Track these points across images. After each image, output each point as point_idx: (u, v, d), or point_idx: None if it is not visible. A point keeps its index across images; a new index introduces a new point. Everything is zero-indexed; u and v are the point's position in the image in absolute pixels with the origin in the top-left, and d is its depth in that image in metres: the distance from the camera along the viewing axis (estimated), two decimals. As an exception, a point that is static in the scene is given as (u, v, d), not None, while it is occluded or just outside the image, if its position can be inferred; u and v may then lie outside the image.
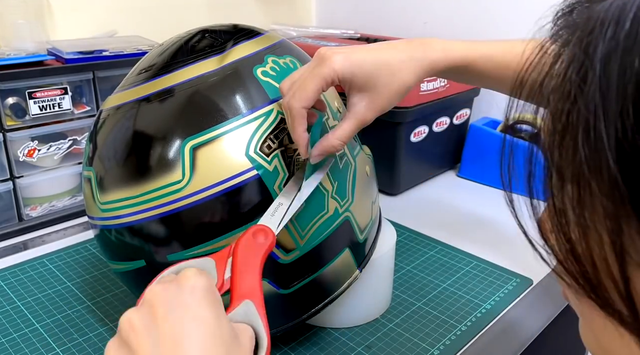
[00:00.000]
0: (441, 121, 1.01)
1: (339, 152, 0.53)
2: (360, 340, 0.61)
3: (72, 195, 0.90)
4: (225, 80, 0.51)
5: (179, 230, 0.50)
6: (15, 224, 0.84)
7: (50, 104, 0.82)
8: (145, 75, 0.54)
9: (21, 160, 0.82)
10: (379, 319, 0.65)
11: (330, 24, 1.37)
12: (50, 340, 0.61)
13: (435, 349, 0.60)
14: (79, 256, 0.78)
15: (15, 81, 0.78)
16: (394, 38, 1.14)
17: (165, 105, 0.51)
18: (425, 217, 0.89)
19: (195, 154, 0.49)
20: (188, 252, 0.50)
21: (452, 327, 0.63)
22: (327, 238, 0.54)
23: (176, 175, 0.49)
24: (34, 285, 0.71)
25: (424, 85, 0.92)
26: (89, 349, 0.60)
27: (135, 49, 0.90)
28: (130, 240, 0.52)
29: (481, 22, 1.10)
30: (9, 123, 0.80)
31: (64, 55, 0.83)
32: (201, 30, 0.57)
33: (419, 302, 0.68)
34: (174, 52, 0.54)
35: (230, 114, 0.50)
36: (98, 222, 0.54)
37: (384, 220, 0.69)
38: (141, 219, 0.50)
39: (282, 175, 0.50)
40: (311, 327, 0.63)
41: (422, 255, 0.79)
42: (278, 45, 0.58)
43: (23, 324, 0.64)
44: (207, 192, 0.48)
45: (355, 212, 0.57)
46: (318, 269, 0.54)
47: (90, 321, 0.64)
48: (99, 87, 0.86)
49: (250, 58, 0.53)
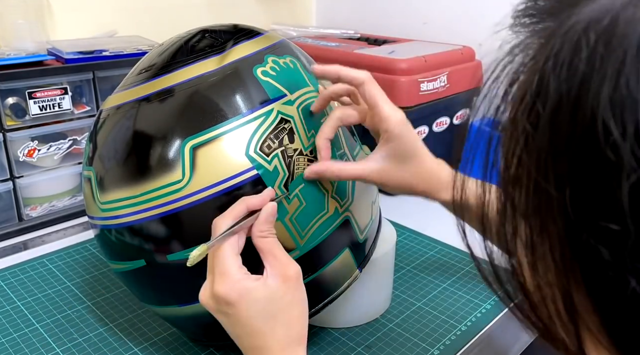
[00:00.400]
0: (441, 121, 1.01)
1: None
2: (360, 340, 0.61)
3: (72, 195, 0.90)
4: (225, 80, 0.51)
5: (179, 230, 0.50)
6: (15, 224, 0.84)
7: (50, 104, 0.82)
8: (146, 75, 0.53)
9: (21, 160, 0.82)
10: (379, 319, 0.65)
11: (330, 24, 1.37)
12: (50, 340, 0.61)
13: (435, 349, 0.60)
14: (79, 256, 0.78)
15: (15, 81, 0.78)
16: (394, 38, 1.15)
17: (165, 105, 0.51)
18: (425, 217, 0.89)
19: (195, 154, 0.49)
20: (188, 252, 0.50)
21: (452, 327, 0.63)
22: (327, 238, 0.54)
23: (176, 175, 0.49)
24: (34, 285, 0.71)
25: (423, 85, 0.92)
26: (89, 349, 0.60)
27: (135, 49, 0.90)
28: (130, 240, 0.52)
29: (481, 22, 1.10)
30: (9, 123, 0.80)
31: (64, 55, 0.83)
32: (201, 30, 0.57)
33: (419, 302, 0.68)
34: (174, 52, 0.54)
35: (230, 114, 0.50)
36: (98, 222, 0.54)
37: (384, 220, 0.69)
38: (141, 218, 0.50)
39: (282, 175, 0.50)
40: (311, 327, 0.63)
41: (422, 255, 0.78)
42: (278, 45, 0.58)
43: (23, 324, 0.64)
44: (207, 191, 0.48)
45: (355, 212, 0.57)
46: (318, 268, 0.54)
47: (90, 321, 0.64)
48: (99, 87, 0.86)
49: (250, 58, 0.53)
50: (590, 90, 0.21)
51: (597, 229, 0.21)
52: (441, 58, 0.98)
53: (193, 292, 0.52)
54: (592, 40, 0.22)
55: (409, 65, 0.92)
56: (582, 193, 0.22)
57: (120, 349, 0.60)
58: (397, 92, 0.90)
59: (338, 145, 0.56)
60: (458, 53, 1.02)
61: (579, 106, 0.21)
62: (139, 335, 0.62)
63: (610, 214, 0.21)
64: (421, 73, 0.93)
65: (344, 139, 0.58)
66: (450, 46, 1.04)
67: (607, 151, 0.21)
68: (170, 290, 0.53)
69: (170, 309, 0.55)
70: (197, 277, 0.51)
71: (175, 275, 0.51)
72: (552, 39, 0.23)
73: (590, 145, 0.21)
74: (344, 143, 0.58)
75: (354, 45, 1.10)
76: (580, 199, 0.22)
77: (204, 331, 0.57)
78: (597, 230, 0.21)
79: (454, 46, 1.04)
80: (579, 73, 0.22)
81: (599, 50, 0.21)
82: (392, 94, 0.90)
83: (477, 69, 1.04)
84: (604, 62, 0.21)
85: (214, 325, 0.55)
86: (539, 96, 0.23)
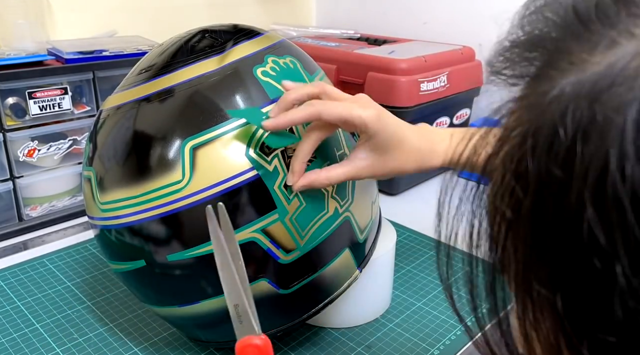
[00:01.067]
0: (441, 121, 1.01)
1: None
2: (360, 340, 0.61)
3: (72, 195, 0.90)
4: (225, 80, 0.51)
5: (179, 230, 0.50)
6: (15, 224, 0.84)
7: (50, 104, 0.82)
8: (146, 75, 0.53)
9: (21, 160, 0.82)
10: (379, 319, 0.65)
11: (330, 24, 1.37)
12: (50, 340, 0.61)
13: (435, 349, 0.60)
14: (79, 256, 0.78)
15: (15, 81, 0.78)
16: (394, 38, 1.15)
17: (166, 105, 0.51)
18: (425, 217, 0.89)
19: (195, 154, 0.49)
20: (188, 252, 0.50)
21: (452, 327, 0.63)
22: (327, 238, 0.54)
23: (176, 175, 0.49)
24: (34, 285, 0.71)
25: (423, 85, 0.92)
26: (89, 349, 0.60)
27: (135, 49, 0.90)
28: (130, 241, 0.52)
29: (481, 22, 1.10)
30: (9, 123, 0.80)
31: (64, 55, 0.83)
32: (201, 30, 0.57)
33: (419, 302, 0.68)
34: (174, 52, 0.54)
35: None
36: (98, 222, 0.54)
37: (384, 220, 0.69)
38: (141, 219, 0.50)
39: (282, 175, 0.50)
40: (311, 327, 0.63)
41: (422, 255, 0.78)
42: (278, 45, 0.58)
43: (23, 324, 0.64)
44: (207, 192, 0.48)
45: (355, 212, 0.57)
46: (318, 269, 0.54)
47: (90, 321, 0.64)
48: (99, 87, 0.86)
49: (250, 58, 0.53)
50: (573, 190, 0.18)
51: (593, 337, 0.19)
52: (441, 58, 0.98)
53: (193, 292, 0.52)
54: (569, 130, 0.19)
55: (409, 65, 0.92)
56: (574, 299, 0.19)
57: (120, 349, 0.60)
58: (397, 92, 0.90)
59: (338, 145, 0.56)
60: (458, 53, 1.02)
61: (561, 203, 0.19)
62: (139, 335, 0.62)
63: (605, 326, 0.18)
64: (421, 73, 0.93)
65: (344, 139, 0.58)
66: (450, 46, 1.04)
67: (595, 260, 0.18)
68: (170, 290, 0.53)
69: (170, 309, 0.55)
70: (198, 277, 0.51)
71: (175, 275, 0.51)
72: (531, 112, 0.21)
73: (577, 249, 0.19)
74: (344, 143, 0.58)
75: (354, 45, 1.10)
76: (572, 304, 0.19)
77: (204, 331, 0.57)
78: (593, 338, 0.19)
79: (454, 46, 1.04)
80: (558, 164, 0.19)
81: (578, 144, 0.18)
82: (392, 94, 0.91)
83: (477, 69, 1.04)
84: (584, 161, 0.18)
85: (214, 325, 0.55)
86: (519, 180, 0.20)
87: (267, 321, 0.55)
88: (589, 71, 0.19)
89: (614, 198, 0.17)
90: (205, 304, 0.52)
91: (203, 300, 0.52)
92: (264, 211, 0.50)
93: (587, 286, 0.19)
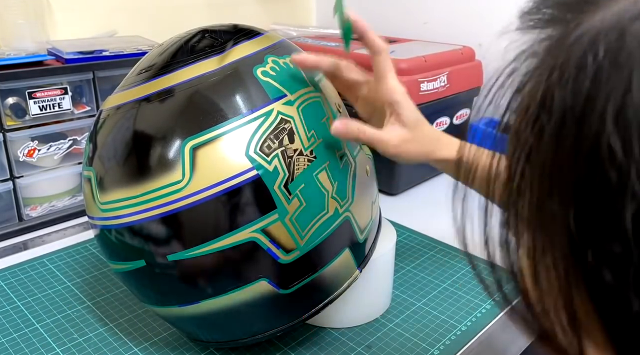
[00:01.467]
0: (441, 121, 1.01)
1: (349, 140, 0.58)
2: (360, 340, 0.61)
3: (72, 195, 0.90)
4: (225, 80, 0.51)
5: (179, 230, 0.50)
6: (15, 224, 0.84)
7: (50, 104, 0.82)
8: (146, 75, 0.53)
9: (21, 160, 0.82)
10: (379, 319, 0.65)
11: (330, 24, 1.36)
12: (50, 340, 0.61)
13: (435, 349, 0.60)
14: (79, 256, 0.78)
15: (15, 81, 0.78)
16: (394, 38, 1.15)
17: (165, 105, 0.51)
18: (425, 217, 0.89)
19: (196, 154, 0.49)
20: (188, 252, 0.50)
21: (452, 327, 0.63)
22: (327, 238, 0.54)
23: (176, 175, 0.49)
24: (34, 285, 0.71)
25: (423, 85, 0.92)
26: (89, 349, 0.60)
27: (135, 49, 0.90)
28: (130, 240, 0.52)
29: (481, 22, 1.10)
30: (9, 123, 0.80)
31: (64, 55, 0.83)
32: (201, 30, 0.57)
33: (419, 302, 0.68)
34: (174, 52, 0.54)
35: (230, 114, 0.50)
36: (98, 222, 0.54)
37: (384, 220, 0.69)
38: (141, 219, 0.50)
39: (282, 175, 0.50)
40: (311, 327, 0.63)
41: (422, 255, 0.78)
42: (278, 45, 0.58)
43: (23, 324, 0.64)
44: (207, 192, 0.48)
45: (355, 212, 0.57)
46: (318, 269, 0.54)
47: (90, 321, 0.64)
48: (99, 87, 0.86)
49: (250, 58, 0.53)
50: (596, 109, 0.20)
51: (601, 250, 0.21)
52: (441, 58, 0.98)
53: (193, 292, 0.52)
54: (599, 56, 0.21)
55: (409, 65, 0.92)
56: (586, 213, 0.21)
57: (120, 349, 0.60)
58: (397, 92, 0.90)
59: (338, 145, 0.56)
60: (458, 53, 1.02)
61: (583, 123, 0.21)
62: (139, 335, 0.62)
63: (613, 236, 0.20)
64: (421, 73, 0.93)
65: (345, 140, 0.58)
66: (450, 46, 1.04)
67: (611, 173, 0.20)
68: (170, 290, 0.53)
69: (170, 309, 0.55)
70: (197, 277, 0.51)
71: (175, 275, 0.51)
72: (558, 50, 0.23)
73: (594, 165, 0.20)
74: (344, 143, 0.58)
75: (354, 45, 1.09)
76: (583, 219, 0.21)
77: (204, 331, 0.57)
78: (601, 251, 0.21)
79: (454, 46, 1.04)
80: (584, 89, 0.21)
81: (605, 68, 0.21)
82: (392, 94, 0.91)
83: (477, 69, 1.04)
84: (610, 81, 0.20)
85: (214, 325, 0.55)
86: (544, 108, 0.22)
87: (267, 321, 0.55)
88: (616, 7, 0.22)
89: (633, 114, 0.20)
90: (205, 304, 0.52)
91: (203, 300, 0.52)
92: (264, 211, 0.50)
93: (600, 200, 0.20)
